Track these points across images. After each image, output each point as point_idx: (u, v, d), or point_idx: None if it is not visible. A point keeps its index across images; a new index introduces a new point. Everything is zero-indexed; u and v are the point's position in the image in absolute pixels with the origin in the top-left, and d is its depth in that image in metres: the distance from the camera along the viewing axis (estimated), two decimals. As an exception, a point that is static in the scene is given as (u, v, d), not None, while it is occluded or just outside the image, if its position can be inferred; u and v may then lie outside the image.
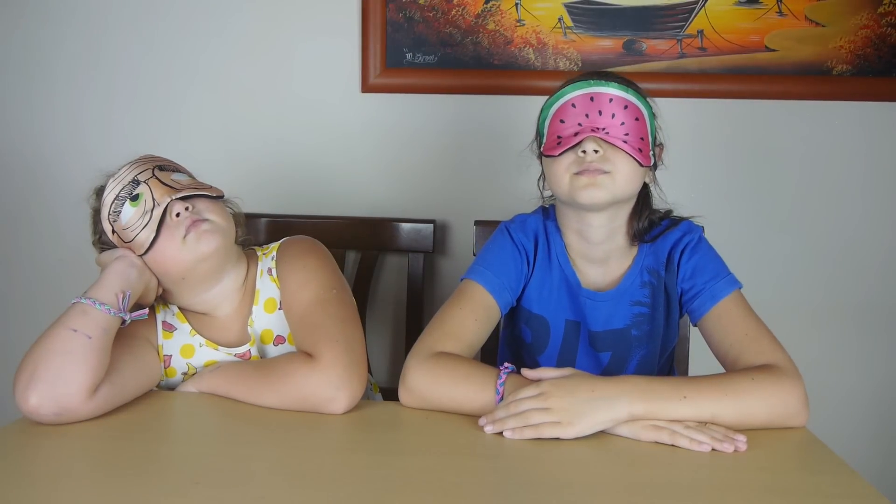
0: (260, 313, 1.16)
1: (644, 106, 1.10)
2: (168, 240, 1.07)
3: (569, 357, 1.22)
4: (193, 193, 1.10)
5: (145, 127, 1.80)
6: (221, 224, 1.11)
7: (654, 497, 0.81)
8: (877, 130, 1.69)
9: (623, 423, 0.94)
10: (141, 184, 1.08)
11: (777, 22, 1.65)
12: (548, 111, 1.12)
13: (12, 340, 1.84)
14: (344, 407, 1.01)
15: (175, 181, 1.10)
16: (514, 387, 0.99)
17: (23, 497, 0.78)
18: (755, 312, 1.11)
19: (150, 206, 1.07)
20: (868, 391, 1.76)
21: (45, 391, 0.95)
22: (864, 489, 0.82)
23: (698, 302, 1.14)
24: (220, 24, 1.76)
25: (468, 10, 1.70)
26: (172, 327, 1.16)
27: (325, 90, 1.76)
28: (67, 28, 1.79)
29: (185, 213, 1.08)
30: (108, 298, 1.02)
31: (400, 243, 1.70)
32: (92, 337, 0.98)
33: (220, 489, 0.80)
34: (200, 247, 1.08)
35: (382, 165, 1.77)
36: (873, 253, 1.73)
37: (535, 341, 1.24)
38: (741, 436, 0.92)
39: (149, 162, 1.12)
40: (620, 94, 1.08)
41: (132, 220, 1.07)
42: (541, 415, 0.93)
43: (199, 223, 1.08)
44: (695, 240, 1.18)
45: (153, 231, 1.06)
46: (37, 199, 1.84)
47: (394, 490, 0.80)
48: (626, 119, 1.08)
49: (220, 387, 1.08)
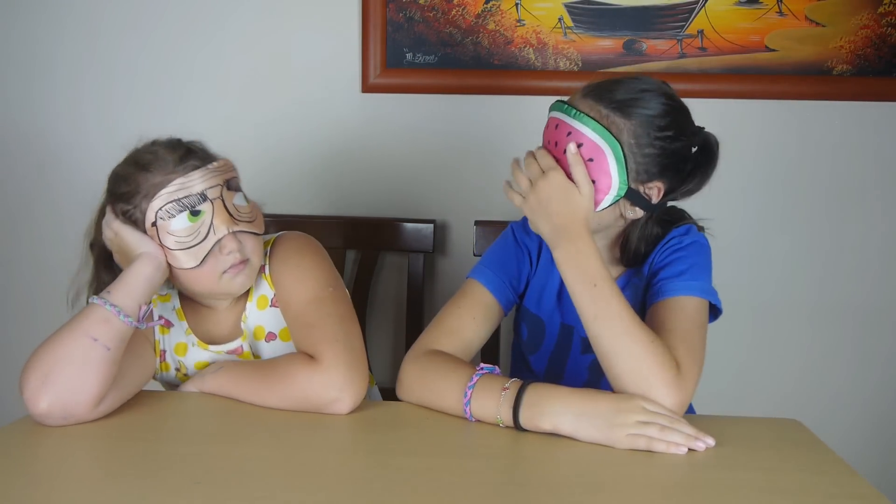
0: (252, 310, 1.16)
1: (608, 143, 1.02)
2: (209, 270, 1.06)
3: (560, 360, 1.22)
4: (246, 230, 1.08)
5: (145, 127, 1.78)
6: (256, 264, 1.11)
7: (654, 497, 0.81)
8: (877, 130, 1.69)
9: (601, 430, 0.92)
10: (207, 201, 1.04)
11: (777, 22, 1.65)
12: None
13: (12, 340, 1.85)
14: (348, 407, 1.01)
15: (237, 207, 1.08)
16: (485, 389, 0.98)
17: (24, 497, 0.78)
18: (704, 329, 1.05)
19: (206, 231, 1.04)
20: (868, 391, 1.76)
21: (56, 398, 0.94)
22: (864, 489, 0.82)
23: (654, 290, 1.09)
24: (220, 23, 1.76)
25: (468, 10, 1.70)
26: (170, 324, 1.17)
27: (325, 90, 1.76)
28: (67, 29, 1.78)
29: (234, 251, 1.06)
30: (132, 308, 1.00)
31: (400, 243, 1.71)
32: (110, 349, 0.97)
33: (221, 489, 0.80)
34: (234, 285, 1.09)
35: (382, 165, 1.77)
36: (873, 253, 1.73)
37: (530, 340, 1.24)
38: (710, 438, 0.92)
39: (220, 174, 1.07)
40: (577, 129, 1.03)
41: (183, 232, 1.03)
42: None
43: (242, 265, 1.08)
44: (685, 241, 1.14)
45: (198, 260, 1.04)
46: (38, 199, 1.85)
47: (394, 490, 0.80)
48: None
49: (223, 387, 1.08)
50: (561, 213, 1.03)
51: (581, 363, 1.21)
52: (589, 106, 1.05)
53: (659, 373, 0.95)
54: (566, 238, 1.02)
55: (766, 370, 1.77)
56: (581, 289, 1.01)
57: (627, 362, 0.97)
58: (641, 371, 0.96)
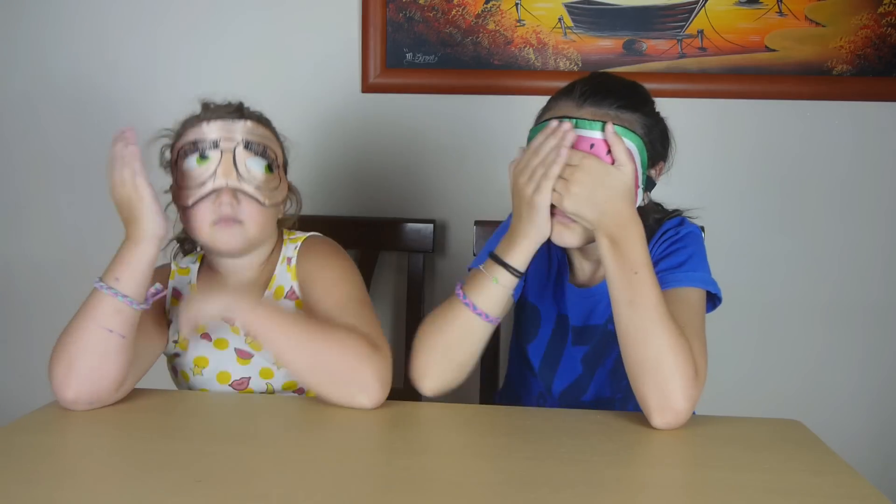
0: (270, 298, 1.17)
1: (632, 141, 1.03)
2: (201, 215, 1.09)
3: (556, 351, 1.23)
4: (249, 194, 1.09)
5: (145, 127, 1.79)
6: (252, 232, 1.11)
7: (654, 497, 0.81)
8: (877, 130, 1.69)
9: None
10: (217, 150, 1.09)
11: (777, 22, 1.65)
12: (532, 137, 1.07)
13: (11, 340, 1.85)
14: (374, 404, 1.02)
15: (249, 169, 1.10)
16: (473, 283, 1.06)
17: (25, 495, 0.77)
18: (703, 321, 1.07)
19: (208, 176, 1.08)
20: (869, 391, 1.76)
21: (81, 387, 0.99)
22: (865, 489, 0.82)
23: None
24: (220, 24, 1.76)
25: (468, 10, 1.70)
26: (181, 296, 1.19)
27: (325, 90, 1.75)
28: (67, 29, 1.79)
29: (226, 205, 1.08)
30: (140, 295, 1.02)
31: (400, 243, 1.70)
32: (125, 336, 1.01)
33: (223, 487, 0.80)
34: (218, 240, 1.10)
35: (382, 165, 1.77)
36: (873, 253, 1.73)
37: (527, 329, 1.25)
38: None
39: (240, 132, 1.10)
40: (594, 138, 1.02)
41: (190, 172, 1.09)
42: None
43: (230, 222, 1.09)
44: (681, 231, 1.15)
45: (193, 200, 1.08)
46: (37, 199, 1.85)
47: (395, 489, 0.80)
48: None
49: (261, 322, 1.02)
50: (608, 198, 1.00)
51: (574, 355, 1.21)
52: (592, 113, 1.04)
53: (682, 369, 0.96)
54: (615, 223, 1.00)
55: (769, 371, 1.76)
56: (621, 274, 0.99)
57: (652, 350, 0.96)
58: (667, 363, 0.96)
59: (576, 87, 1.07)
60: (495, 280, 1.04)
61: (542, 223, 1.03)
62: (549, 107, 1.10)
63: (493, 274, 1.05)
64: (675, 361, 0.96)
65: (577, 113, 1.04)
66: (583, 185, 0.99)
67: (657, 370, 0.96)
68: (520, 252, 1.05)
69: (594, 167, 1.00)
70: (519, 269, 1.05)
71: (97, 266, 1.07)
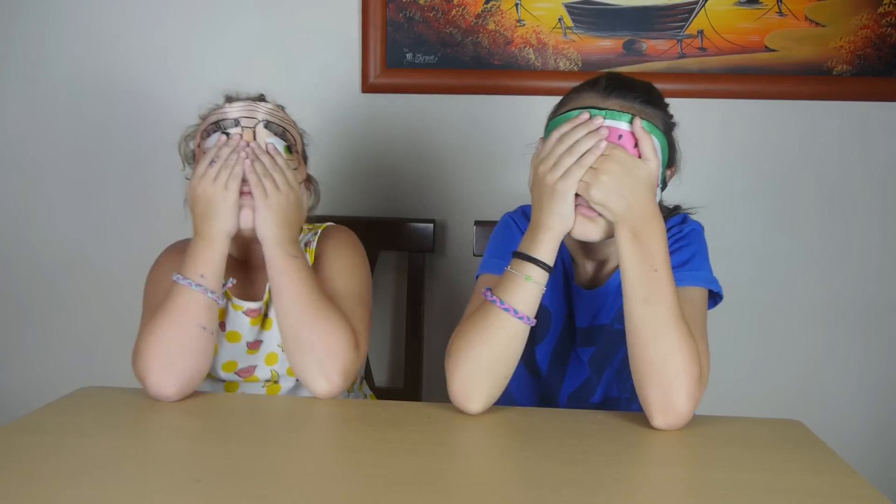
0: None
1: (655, 136, 1.02)
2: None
3: (564, 353, 1.22)
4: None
5: (146, 126, 1.80)
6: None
7: (654, 497, 0.81)
8: (877, 130, 1.69)
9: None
10: (239, 126, 1.11)
11: (777, 22, 1.65)
12: (553, 127, 1.05)
13: (11, 340, 1.85)
14: (326, 395, 1.08)
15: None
16: (505, 286, 1.02)
17: (24, 495, 0.77)
18: (706, 321, 1.07)
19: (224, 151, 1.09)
20: (869, 391, 1.76)
21: (181, 383, 1.06)
22: (865, 489, 0.82)
23: None
24: (220, 24, 1.76)
25: (468, 10, 1.70)
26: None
27: (326, 90, 1.75)
28: (67, 29, 1.79)
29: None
30: (220, 290, 1.09)
31: (400, 243, 1.70)
32: (214, 332, 1.09)
33: (221, 487, 0.80)
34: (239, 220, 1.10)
35: (382, 165, 1.77)
36: (873, 253, 1.73)
37: (535, 330, 1.24)
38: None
39: (261, 112, 1.13)
40: (622, 129, 1.00)
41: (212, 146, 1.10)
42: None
43: (249, 196, 1.09)
44: (685, 229, 1.15)
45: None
46: (37, 199, 1.85)
47: (394, 489, 0.80)
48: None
49: (293, 263, 1.09)
50: (634, 190, 0.98)
51: (581, 357, 1.21)
52: (620, 104, 1.03)
53: (689, 370, 0.96)
54: (639, 216, 0.98)
55: (769, 371, 1.76)
56: (640, 270, 0.98)
57: (662, 350, 0.96)
58: (675, 364, 0.96)
59: (600, 80, 1.07)
60: (528, 278, 1.00)
61: (566, 212, 0.99)
62: (572, 97, 1.08)
63: (524, 272, 1.00)
64: (683, 363, 0.96)
65: (603, 104, 1.03)
66: (612, 175, 0.97)
67: (664, 371, 0.96)
68: (545, 245, 1.01)
69: (624, 158, 0.98)
70: (548, 263, 1.01)
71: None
